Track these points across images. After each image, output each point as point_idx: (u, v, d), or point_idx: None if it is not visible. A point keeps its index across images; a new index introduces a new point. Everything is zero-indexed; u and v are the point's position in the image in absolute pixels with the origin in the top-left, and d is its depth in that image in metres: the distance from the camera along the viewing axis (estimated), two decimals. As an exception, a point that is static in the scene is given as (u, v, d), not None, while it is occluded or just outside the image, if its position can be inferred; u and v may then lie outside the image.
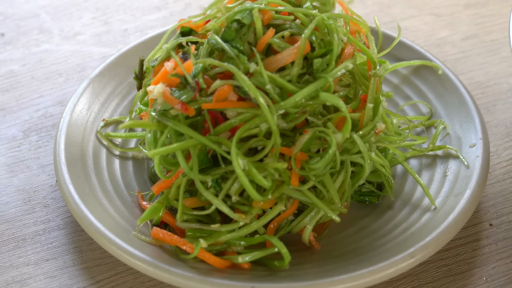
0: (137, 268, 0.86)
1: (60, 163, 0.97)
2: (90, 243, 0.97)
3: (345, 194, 0.94)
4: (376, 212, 0.98)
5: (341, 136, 0.88)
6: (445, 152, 1.03)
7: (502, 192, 1.05)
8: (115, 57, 1.16)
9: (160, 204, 0.92)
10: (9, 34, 1.39)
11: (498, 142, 1.13)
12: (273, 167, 0.87)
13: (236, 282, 0.83)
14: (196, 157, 0.87)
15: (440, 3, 1.48)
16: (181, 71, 0.88)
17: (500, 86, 1.25)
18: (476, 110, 1.05)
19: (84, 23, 1.44)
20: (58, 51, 1.35)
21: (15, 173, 1.09)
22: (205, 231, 0.90)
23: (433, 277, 0.93)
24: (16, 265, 0.95)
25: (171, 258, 0.88)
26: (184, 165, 0.87)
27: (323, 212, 0.92)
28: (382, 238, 0.92)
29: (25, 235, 0.99)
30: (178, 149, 0.86)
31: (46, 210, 1.03)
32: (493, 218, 1.01)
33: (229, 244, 0.90)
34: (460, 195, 0.94)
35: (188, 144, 0.86)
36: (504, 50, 1.34)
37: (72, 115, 1.06)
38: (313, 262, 0.90)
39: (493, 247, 0.97)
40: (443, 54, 1.33)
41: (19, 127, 1.17)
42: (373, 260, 0.86)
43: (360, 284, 0.83)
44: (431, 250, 0.87)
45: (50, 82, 1.27)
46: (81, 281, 0.93)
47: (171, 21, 1.43)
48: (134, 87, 1.16)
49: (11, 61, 1.32)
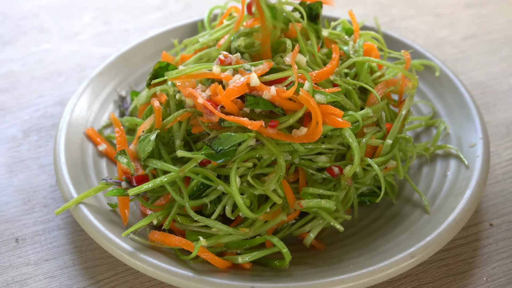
0: (137, 268, 0.86)
1: (60, 163, 0.97)
2: (90, 243, 0.97)
3: (349, 203, 0.95)
4: (376, 212, 0.98)
5: (349, 170, 0.91)
6: (445, 152, 1.03)
7: (502, 192, 1.05)
8: (115, 57, 1.16)
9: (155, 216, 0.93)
10: (9, 34, 1.39)
11: (498, 142, 1.13)
12: (270, 195, 0.89)
13: (236, 282, 0.83)
14: (185, 188, 0.90)
15: (440, 3, 1.48)
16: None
17: (500, 86, 1.25)
18: (476, 110, 1.05)
19: (84, 23, 1.44)
20: (58, 51, 1.35)
21: (15, 173, 1.09)
22: (205, 234, 0.90)
23: (433, 277, 0.93)
24: (16, 265, 0.95)
25: (171, 258, 0.88)
26: (176, 196, 0.90)
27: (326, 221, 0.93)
28: (382, 238, 0.92)
29: (25, 235, 0.99)
30: (163, 183, 0.90)
31: (46, 210, 1.03)
32: (493, 218, 1.01)
33: (229, 246, 0.90)
34: (460, 195, 0.94)
35: (173, 177, 0.89)
36: (504, 50, 1.34)
37: (72, 115, 1.06)
38: (313, 262, 0.90)
39: (493, 247, 0.97)
40: (443, 54, 1.33)
41: (19, 127, 1.17)
42: (373, 260, 0.86)
43: (360, 284, 0.83)
44: (431, 250, 0.87)
45: (50, 82, 1.27)
46: (81, 281, 0.93)
47: (171, 21, 1.43)
48: (134, 87, 1.16)
49: (11, 61, 1.32)
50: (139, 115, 1.04)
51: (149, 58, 1.20)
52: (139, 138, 0.94)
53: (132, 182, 0.91)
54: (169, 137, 0.96)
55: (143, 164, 0.93)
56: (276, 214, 0.90)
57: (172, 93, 0.95)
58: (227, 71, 0.90)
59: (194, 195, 0.91)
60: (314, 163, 0.92)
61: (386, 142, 0.94)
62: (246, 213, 0.88)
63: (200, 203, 0.91)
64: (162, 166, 0.91)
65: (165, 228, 0.91)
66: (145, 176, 0.92)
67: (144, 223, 0.90)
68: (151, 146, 0.91)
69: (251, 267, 0.89)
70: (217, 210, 0.89)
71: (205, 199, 0.90)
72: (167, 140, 0.96)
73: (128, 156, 0.92)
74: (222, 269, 0.88)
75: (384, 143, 0.94)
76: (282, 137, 0.88)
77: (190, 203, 0.89)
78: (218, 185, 0.89)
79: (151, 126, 0.96)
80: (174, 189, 0.91)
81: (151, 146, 0.91)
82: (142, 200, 0.93)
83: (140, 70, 1.18)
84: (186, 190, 0.89)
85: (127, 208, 0.93)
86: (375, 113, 0.94)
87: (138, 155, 0.94)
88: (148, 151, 0.92)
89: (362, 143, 0.92)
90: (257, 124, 0.85)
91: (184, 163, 0.94)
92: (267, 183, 0.88)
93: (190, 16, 1.43)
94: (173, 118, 0.93)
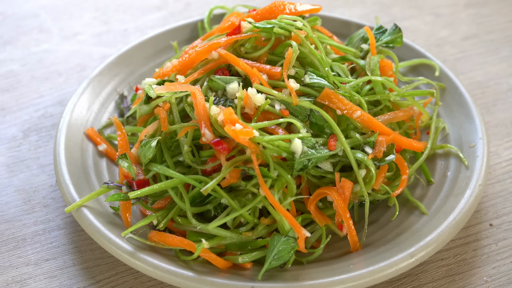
0: (137, 268, 0.86)
1: (60, 163, 0.97)
2: (90, 243, 0.97)
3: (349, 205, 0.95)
4: (376, 212, 0.98)
5: (358, 187, 0.91)
6: (445, 152, 1.03)
7: (502, 192, 1.05)
8: (115, 57, 1.16)
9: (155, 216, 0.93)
10: (9, 34, 1.39)
11: (498, 142, 1.13)
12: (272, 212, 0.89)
13: (236, 282, 0.83)
14: (186, 195, 0.90)
15: (440, 3, 1.48)
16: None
17: (500, 86, 1.25)
18: (476, 110, 1.05)
19: (84, 23, 1.44)
20: (58, 51, 1.35)
21: (15, 173, 1.09)
22: (206, 235, 0.90)
23: (433, 277, 0.93)
24: (16, 265, 0.95)
25: (171, 258, 0.88)
26: (178, 201, 0.90)
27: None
28: (382, 238, 0.92)
29: (25, 235, 0.99)
30: (164, 188, 0.90)
31: (46, 210, 1.03)
32: (493, 218, 1.01)
33: (230, 248, 0.90)
34: (460, 195, 0.94)
35: (175, 182, 0.90)
36: (504, 50, 1.34)
37: (72, 115, 1.06)
38: (314, 262, 0.90)
39: (493, 247, 0.97)
40: (443, 54, 1.33)
41: (19, 127, 1.17)
42: (373, 260, 0.86)
43: (360, 284, 0.83)
44: (431, 250, 0.87)
45: (50, 82, 1.27)
46: (81, 281, 0.93)
47: (171, 21, 1.43)
48: (134, 87, 1.16)
49: (11, 61, 1.32)
50: (139, 125, 1.04)
51: (149, 58, 1.19)
52: (141, 143, 0.94)
53: (133, 187, 0.91)
54: (172, 142, 0.96)
55: (144, 169, 0.93)
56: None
57: (174, 101, 0.95)
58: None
59: (196, 200, 0.91)
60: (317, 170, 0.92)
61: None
62: (251, 221, 0.89)
63: (202, 209, 0.91)
64: (164, 172, 0.91)
65: (160, 229, 0.91)
66: (146, 181, 0.92)
67: (143, 223, 0.90)
68: (151, 153, 0.92)
69: (252, 266, 0.89)
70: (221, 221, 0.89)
71: (209, 206, 0.91)
72: (170, 145, 0.96)
73: (129, 160, 0.92)
74: (222, 269, 0.88)
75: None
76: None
77: (192, 210, 0.90)
78: (222, 198, 0.89)
79: (154, 132, 0.96)
80: (176, 192, 0.91)
81: (152, 153, 0.92)
82: (143, 203, 0.93)
83: (140, 70, 1.18)
84: (187, 196, 0.89)
85: (129, 212, 0.93)
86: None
87: (139, 160, 0.94)
88: (148, 157, 0.92)
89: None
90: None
91: (186, 167, 0.94)
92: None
93: (190, 16, 1.43)
94: (180, 128, 0.92)
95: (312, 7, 1.03)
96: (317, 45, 0.97)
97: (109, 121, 1.09)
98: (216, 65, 0.96)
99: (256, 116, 0.90)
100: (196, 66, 0.99)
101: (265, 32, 0.97)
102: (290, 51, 0.93)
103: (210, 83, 0.93)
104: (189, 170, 0.93)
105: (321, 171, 0.92)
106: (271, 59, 0.98)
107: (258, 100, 0.89)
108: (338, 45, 1.05)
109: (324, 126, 0.91)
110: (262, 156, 0.87)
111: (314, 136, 0.91)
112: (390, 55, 1.08)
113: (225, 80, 0.92)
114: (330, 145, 0.89)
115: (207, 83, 0.94)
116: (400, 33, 1.07)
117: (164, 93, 0.92)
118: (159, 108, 0.95)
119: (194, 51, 0.97)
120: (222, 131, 0.87)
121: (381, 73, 1.02)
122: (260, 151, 0.86)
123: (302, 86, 0.93)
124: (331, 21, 1.22)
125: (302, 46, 0.96)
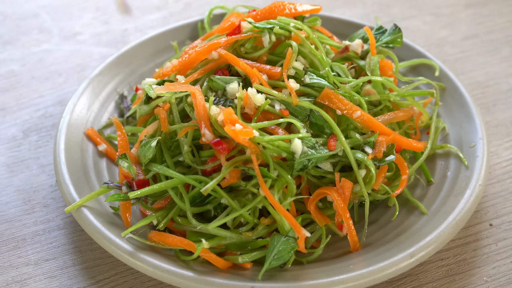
0: (137, 268, 0.86)
1: (60, 163, 0.97)
2: (90, 243, 0.97)
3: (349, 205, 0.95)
4: (376, 212, 0.98)
5: (358, 187, 0.91)
6: (445, 152, 1.03)
7: (502, 192, 1.05)
8: (115, 57, 1.16)
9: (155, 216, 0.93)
10: (9, 34, 1.39)
11: (498, 142, 1.13)
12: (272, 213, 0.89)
13: (236, 282, 0.83)
14: (186, 195, 0.90)
15: (440, 3, 1.48)
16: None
17: (500, 86, 1.25)
18: (476, 110, 1.05)
19: (84, 23, 1.44)
20: (58, 51, 1.35)
21: (15, 173, 1.09)
22: (206, 235, 0.90)
23: (433, 277, 0.93)
24: (16, 265, 0.95)
25: (171, 258, 0.88)
26: (178, 201, 0.90)
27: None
28: (382, 238, 0.92)
29: (25, 235, 0.99)
30: (164, 188, 0.90)
31: (46, 210, 1.03)
32: (493, 218, 1.01)
33: (230, 247, 0.90)
34: (460, 195, 0.94)
35: (175, 182, 0.90)
36: (504, 50, 1.34)
37: (72, 115, 1.06)
38: (313, 262, 0.90)
39: (493, 247, 0.97)
40: (443, 54, 1.33)
41: (19, 127, 1.17)
42: (373, 260, 0.86)
43: (360, 284, 0.83)
44: (431, 250, 0.87)
45: (50, 82, 1.27)
46: (81, 281, 0.93)
47: (171, 21, 1.43)
48: (134, 87, 1.16)
49: (11, 61, 1.32)
50: (138, 125, 1.04)
51: (149, 58, 1.19)
52: (140, 142, 0.94)
53: (133, 187, 0.91)
54: (172, 142, 0.96)
55: (144, 169, 0.93)
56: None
57: (173, 101, 0.95)
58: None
59: (196, 200, 0.91)
60: (317, 170, 0.92)
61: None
62: (251, 221, 0.89)
63: (202, 210, 0.91)
64: (164, 172, 0.91)
65: (160, 229, 0.91)
66: (146, 181, 0.92)
67: (143, 223, 0.90)
68: (151, 153, 0.92)
69: (252, 266, 0.89)
70: (221, 221, 0.89)
71: (209, 206, 0.91)
72: (170, 145, 0.96)
73: (129, 160, 0.92)
74: (222, 269, 0.88)
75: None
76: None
77: (192, 210, 0.90)
78: (222, 198, 0.89)
79: (153, 132, 0.96)
80: (176, 192, 0.91)
81: (151, 154, 0.92)
82: (143, 204, 0.93)
83: (140, 70, 1.18)
84: (187, 196, 0.89)
85: (129, 212, 0.92)
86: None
87: (139, 160, 0.94)
88: (148, 158, 0.92)
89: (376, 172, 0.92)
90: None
91: (186, 167, 0.94)
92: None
93: (190, 16, 1.43)
94: (180, 128, 0.92)
95: (312, 8, 1.03)
96: (317, 45, 0.97)
97: (109, 121, 1.09)
98: (216, 65, 0.96)
99: (256, 116, 0.90)
100: (196, 66, 0.99)
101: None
102: (290, 51, 0.93)
103: (210, 83, 0.93)
104: (189, 170, 0.93)
105: (321, 171, 0.92)
106: (271, 59, 0.98)
107: (258, 100, 0.89)
108: (338, 45, 1.05)
109: (324, 126, 0.91)
110: (262, 156, 0.87)
111: (314, 136, 0.91)
112: (390, 55, 1.08)
113: (225, 80, 0.93)
114: (330, 145, 0.89)
115: (207, 83, 0.94)
116: (400, 33, 1.07)
117: (164, 93, 0.92)
118: (159, 108, 0.95)
119: (194, 51, 0.97)
120: (222, 131, 0.87)
121: (381, 73, 1.02)
122: (260, 151, 0.86)
123: (302, 86, 0.93)
124: (331, 21, 1.22)
125: (302, 46, 0.96)
